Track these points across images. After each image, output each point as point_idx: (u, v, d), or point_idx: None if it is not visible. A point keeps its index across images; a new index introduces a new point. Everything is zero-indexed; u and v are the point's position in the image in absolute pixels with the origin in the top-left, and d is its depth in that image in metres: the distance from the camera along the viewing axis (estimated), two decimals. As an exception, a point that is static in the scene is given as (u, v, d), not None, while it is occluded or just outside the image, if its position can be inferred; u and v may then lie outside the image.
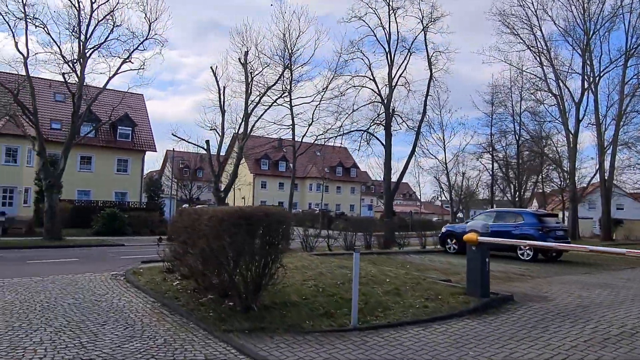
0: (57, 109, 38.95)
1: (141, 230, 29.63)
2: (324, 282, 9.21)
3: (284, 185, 66.43)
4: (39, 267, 13.69)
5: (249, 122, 29.44)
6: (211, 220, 7.21)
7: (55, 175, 22.79)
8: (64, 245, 21.45)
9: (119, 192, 39.18)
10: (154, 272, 11.64)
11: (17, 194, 33.72)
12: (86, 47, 22.91)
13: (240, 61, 29.32)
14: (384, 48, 29.32)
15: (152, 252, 20.14)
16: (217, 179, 30.15)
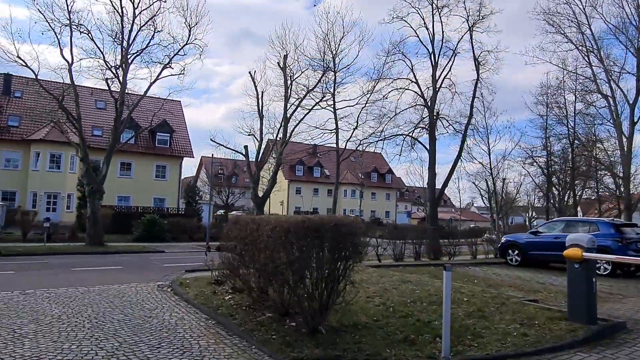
0: (99, 116, 39.61)
1: (180, 237, 29.45)
2: (392, 299, 8.31)
3: (318, 191, 65.79)
4: (84, 275, 13.33)
5: (287, 126, 28.87)
6: (275, 230, 6.44)
7: (97, 181, 22.76)
8: (106, 251, 21.31)
9: (157, 198, 39.40)
10: (202, 284, 11.01)
11: (61, 200, 34.28)
12: (128, 53, 22.88)
13: (279, 65, 28.85)
14: (427, 49, 28.15)
15: (193, 259, 19.76)
16: (256, 185, 29.67)
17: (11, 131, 34.47)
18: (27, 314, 7.70)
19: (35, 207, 32.52)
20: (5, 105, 35.91)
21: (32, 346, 5.93)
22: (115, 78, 22.61)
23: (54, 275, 13.29)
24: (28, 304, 8.56)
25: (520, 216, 71.81)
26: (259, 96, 30.08)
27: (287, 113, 28.90)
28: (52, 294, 9.67)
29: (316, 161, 64.55)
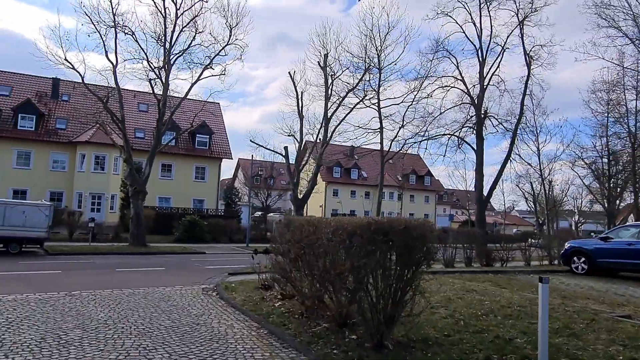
0: (141, 118, 40.31)
1: (220, 238, 29.39)
2: (459, 311, 7.50)
3: (355, 193, 64.90)
4: (128, 277, 13.14)
5: (328, 127, 28.30)
6: (336, 233, 5.80)
7: (140, 182, 22.87)
8: (149, 252, 21.34)
9: (197, 199, 39.64)
10: (248, 288, 10.51)
11: (105, 200, 34.97)
12: (170, 54, 22.91)
13: (320, 64, 28.34)
14: (474, 45, 27.05)
15: (235, 261, 19.42)
16: (295, 187, 29.25)
17: (59, 133, 35.50)
18: (72, 318, 7.37)
19: (81, 207, 33.27)
20: (54, 109, 37.04)
21: (77, 355, 5.52)
22: (157, 79, 22.70)
23: (98, 275, 13.17)
24: (74, 306, 8.27)
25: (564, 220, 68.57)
26: (299, 96, 29.72)
27: (327, 113, 28.32)
28: (97, 296, 9.39)
29: (353, 163, 63.71)
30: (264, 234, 32.10)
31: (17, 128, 33.97)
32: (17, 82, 38.11)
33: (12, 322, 6.87)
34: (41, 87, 38.49)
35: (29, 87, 37.91)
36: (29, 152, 34.37)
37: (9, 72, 38.96)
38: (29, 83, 38.49)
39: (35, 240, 18.68)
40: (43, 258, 17.82)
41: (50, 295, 9.16)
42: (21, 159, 34.23)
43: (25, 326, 6.69)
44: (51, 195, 34.28)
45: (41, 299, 8.76)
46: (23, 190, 33.49)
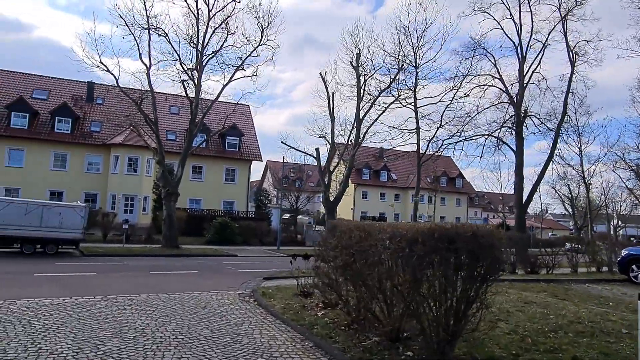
0: (172, 120, 40.62)
1: (250, 240, 29.18)
2: (523, 326, 6.84)
3: (385, 196, 63.93)
4: (163, 280, 12.92)
5: (360, 128, 27.73)
6: (393, 240, 5.26)
7: (173, 184, 22.84)
8: (181, 254, 21.24)
9: (227, 201, 39.64)
10: (287, 295, 10.07)
11: (137, 202, 35.31)
12: (203, 55, 22.82)
13: (352, 64, 27.81)
14: (513, 42, 25.97)
15: (268, 265, 19.08)
16: (327, 189, 28.78)
17: (93, 136, 36.08)
18: (109, 325, 7.07)
19: (114, 209, 33.67)
20: (89, 112, 37.74)
21: (116, 368, 5.16)
22: (190, 80, 22.64)
23: (133, 278, 12.99)
24: (110, 312, 7.99)
25: (602, 224, 65.76)
26: (330, 97, 29.28)
27: (359, 113, 27.75)
28: (133, 300, 9.11)
29: (383, 165, 62.82)
30: (295, 236, 31.81)
31: (54, 131, 34.70)
32: (54, 86, 39.02)
33: (48, 330, 6.61)
34: (77, 91, 39.28)
35: (65, 91, 38.76)
36: (65, 154, 35.04)
37: (46, 77, 39.96)
38: (65, 87, 39.36)
39: (71, 241, 18.82)
40: (78, 259, 17.90)
41: (86, 300, 8.94)
42: (58, 161, 34.93)
43: (61, 334, 6.41)
44: (86, 196, 34.83)
45: (77, 304, 8.54)
46: (59, 192, 34.16)
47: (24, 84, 37.67)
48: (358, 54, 27.46)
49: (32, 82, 38.57)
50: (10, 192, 32.43)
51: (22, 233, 17.62)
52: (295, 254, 10.84)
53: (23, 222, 17.59)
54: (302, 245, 30.73)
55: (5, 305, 8.07)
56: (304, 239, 31.29)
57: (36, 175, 33.69)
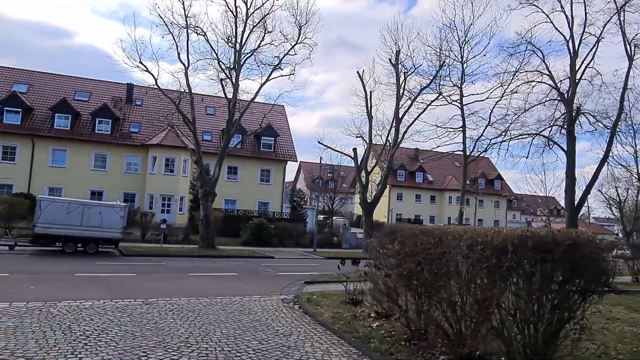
0: (208, 121, 40.81)
1: (286, 241, 28.76)
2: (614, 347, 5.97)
3: (420, 198, 62.46)
4: (202, 283, 12.54)
5: (400, 127, 26.86)
6: (474, 248, 4.54)
7: (210, 184, 22.66)
8: (218, 255, 20.98)
9: (262, 202, 39.44)
10: (334, 302, 9.46)
11: (174, 202, 35.57)
12: (241, 54, 22.54)
13: (391, 62, 26.99)
14: (564, 36, 24.51)
15: (306, 268, 18.56)
16: (364, 190, 28.02)
17: (132, 137, 36.61)
18: (152, 333, 6.63)
19: (152, 208, 33.97)
20: (128, 113, 38.36)
21: (161, 386, 4.66)
22: (228, 79, 22.41)
23: (172, 280, 12.68)
24: (152, 318, 7.58)
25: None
26: (368, 96, 28.50)
27: (398, 112, 26.89)
28: (174, 305, 8.70)
29: (418, 166, 61.45)
30: (331, 238, 31.22)
31: (94, 132, 35.39)
32: (94, 88, 39.88)
33: (89, 337, 6.22)
34: (116, 92, 40.02)
35: (106, 93, 39.54)
36: (105, 154, 35.67)
37: (87, 79, 40.93)
38: (105, 89, 40.17)
39: (110, 240, 18.83)
40: (118, 259, 17.86)
41: (126, 303, 8.59)
42: (98, 161, 35.58)
43: (102, 342, 6.00)
44: (125, 196, 35.31)
45: (118, 308, 8.19)
46: (100, 192, 34.77)
47: (67, 87, 38.64)
48: (397, 51, 26.63)
49: (74, 84, 39.53)
50: (54, 191, 33.20)
51: (64, 232, 17.72)
52: (343, 258, 10.18)
53: (65, 221, 17.70)
54: (338, 247, 30.12)
55: (46, 308, 7.80)
56: (340, 241, 30.65)
57: (78, 175, 34.39)
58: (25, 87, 36.91)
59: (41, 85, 37.82)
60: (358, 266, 9.16)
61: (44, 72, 39.91)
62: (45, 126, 34.32)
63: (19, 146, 33.64)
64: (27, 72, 39.09)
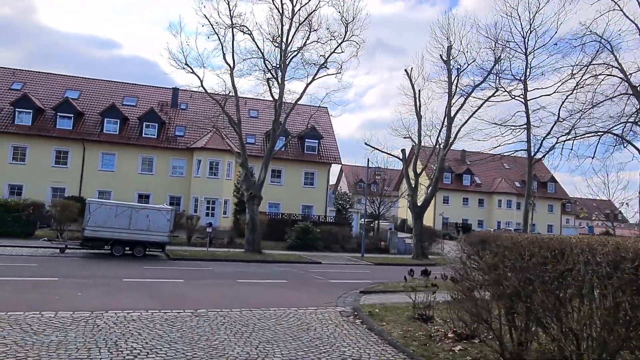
0: (251, 124, 40.65)
1: (332, 246, 27.88)
2: None
3: (468, 201, 60.06)
4: (252, 291, 11.83)
5: (452, 126, 25.48)
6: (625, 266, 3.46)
7: (256, 187, 22.13)
8: (264, 260, 20.36)
9: (305, 205, 38.81)
10: (399, 317, 8.47)
11: (218, 205, 35.52)
12: (287, 52, 21.93)
13: (442, 58, 25.67)
14: (636, 25, 22.37)
15: (357, 275, 17.62)
16: (414, 192, 26.76)
17: (177, 140, 36.93)
18: (204, 352, 5.90)
19: (197, 211, 34.02)
20: (173, 117, 38.77)
21: None
22: (274, 79, 21.84)
23: (221, 287, 12.04)
24: (203, 332, 6.87)
25: None
26: (417, 95, 27.29)
27: (450, 111, 25.51)
28: (226, 318, 7.98)
29: (465, 168, 59.14)
30: (378, 243, 30.09)
31: (142, 136, 35.90)
32: (142, 93, 40.63)
33: (137, 356, 5.54)
34: (162, 97, 40.61)
35: (152, 98, 40.18)
36: (151, 158, 36.10)
37: (135, 84, 41.76)
38: (152, 94, 40.86)
39: (157, 244, 18.57)
40: (165, 263, 17.55)
41: (175, 315, 7.94)
42: (145, 165, 36.05)
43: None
44: (170, 199, 35.58)
45: (167, 320, 7.54)
46: (147, 195, 35.19)
47: (116, 92, 39.50)
48: (449, 46, 25.27)
49: (122, 90, 40.39)
50: (103, 194, 33.82)
51: (112, 235, 17.60)
52: (412, 270, 9.17)
53: (113, 224, 17.58)
54: (386, 252, 28.97)
55: (92, 319, 7.25)
56: (388, 246, 29.47)
57: (126, 179, 34.93)
58: (77, 93, 37.97)
59: (91, 91, 38.85)
60: (428, 277, 8.14)
61: (94, 79, 41.04)
62: (95, 131, 35.10)
63: (71, 150, 34.54)
64: (78, 78, 40.31)
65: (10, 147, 33.44)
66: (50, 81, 38.94)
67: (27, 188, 32.81)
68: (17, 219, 21.03)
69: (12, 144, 33.43)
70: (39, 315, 7.22)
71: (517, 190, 61.77)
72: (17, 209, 21.21)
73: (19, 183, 33.21)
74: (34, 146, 33.89)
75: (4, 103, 34.52)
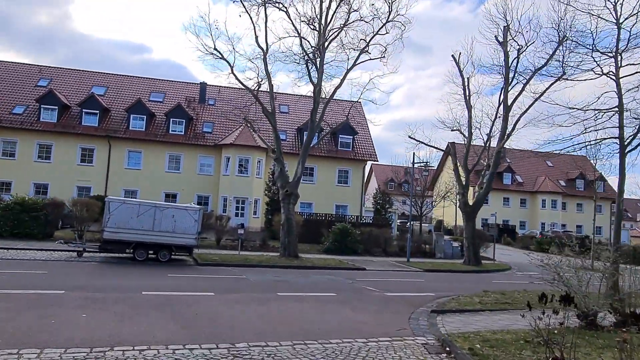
0: (283, 119, 38.57)
1: (372, 249, 25.44)
2: None
3: (509, 201, 56.40)
4: (297, 309, 9.53)
5: (508, 116, 22.70)
6: None
7: (292, 184, 19.93)
8: (303, 265, 18.13)
9: (339, 205, 36.48)
10: (516, 355, 6.02)
11: (248, 205, 33.58)
12: (325, 33, 19.65)
13: (497, 39, 22.90)
14: None
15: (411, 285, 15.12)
16: (464, 191, 24.09)
17: (205, 137, 35.20)
18: None
19: (225, 211, 32.19)
20: (201, 112, 37.10)
21: None
22: (312, 63, 19.59)
23: (260, 304, 9.79)
24: (247, 389, 4.61)
25: None
26: (466, 83, 24.63)
27: (507, 99, 22.72)
28: (272, 357, 5.72)
29: (506, 166, 55.53)
30: (421, 246, 27.44)
31: (168, 132, 34.32)
32: (169, 88, 39.14)
33: None
34: (190, 92, 39.02)
35: (180, 93, 38.62)
36: (179, 155, 34.46)
37: (161, 80, 40.32)
38: (179, 89, 39.31)
39: (184, 247, 16.56)
40: (192, 270, 15.52)
41: (205, 352, 5.72)
42: (172, 163, 34.44)
43: None
44: (198, 199, 33.88)
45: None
46: (174, 194, 33.56)
47: (143, 88, 38.13)
48: (506, 26, 22.49)
49: (149, 85, 39.02)
50: (129, 193, 32.38)
51: (135, 237, 15.65)
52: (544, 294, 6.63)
53: (136, 225, 15.65)
54: (431, 257, 26.33)
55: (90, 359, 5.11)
56: (433, 250, 26.80)
57: (152, 177, 33.40)
58: (103, 90, 36.72)
59: (118, 87, 37.53)
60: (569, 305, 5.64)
61: (121, 75, 39.75)
62: (121, 127, 33.68)
63: (97, 148, 33.21)
64: (104, 74, 39.05)
65: (35, 145, 32.32)
66: (77, 77, 37.80)
67: (52, 187, 31.61)
68: (36, 219, 19.44)
69: (37, 142, 32.30)
70: (15, 356, 5.11)
71: (562, 189, 57.83)
72: (35, 208, 19.62)
73: (44, 182, 32.06)
74: (59, 144, 32.71)
75: (29, 100, 33.49)
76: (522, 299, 11.88)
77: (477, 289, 13.65)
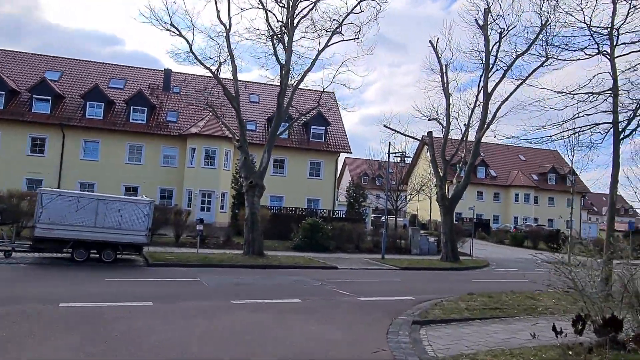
0: (252, 109, 36.65)
1: (344, 246, 23.93)
2: None
3: (482, 195, 55.86)
4: (254, 323, 7.87)
5: (488, 104, 21.52)
6: None
7: (257, 174, 18.19)
8: (268, 264, 16.46)
9: (311, 199, 34.86)
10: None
11: (214, 199, 31.62)
12: (295, 10, 17.92)
13: (477, 23, 21.65)
14: None
15: (387, 286, 13.68)
16: (442, 183, 22.85)
17: (169, 126, 32.97)
18: None
19: (190, 206, 30.18)
20: (165, 101, 34.80)
21: None
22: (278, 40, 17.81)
23: (208, 318, 8.08)
24: None
25: None
26: (444, 71, 23.35)
27: (487, 88, 21.54)
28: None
29: (480, 160, 54.97)
30: (396, 242, 26.11)
31: (129, 121, 31.95)
32: (130, 75, 36.58)
33: None
34: (153, 79, 36.61)
35: (142, 80, 36.15)
36: (140, 146, 32.13)
37: (122, 66, 37.67)
38: (141, 76, 36.82)
39: (132, 245, 14.63)
40: (139, 271, 13.65)
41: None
42: (133, 154, 32.09)
43: None
44: (161, 192, 31.73)
45: None
46: (134, 187, 31.24)
47: (102, 74, 35.47)
48: (486, 9, 21.26)
49: (109, 71, 36.36)
50: (86, 186, 29.98)
51: (72, 234, 13.64)
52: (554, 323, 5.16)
53: (74, 220, 13.65)
54: (407, 253, 25.05)
55: None
56: (409, 246, 25.48)
57: (111, 169, 31.00)
58: (57, 75, 33.94)
59: (74, 72, 34.76)
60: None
61: (77, 59, 36.94)
62: (76, 115, 31.10)
63: (49, 137, 30.58)
64: (59, 58, 36.14)
65: (-21, 134, 29.51)
66: (28, 60, 34.85)
67: (-2, 180, 28.91)
68: (-38, 215, 17.13)
69: (-20, 130, 29.49)
70: None
71: (535, 183, 57.83)
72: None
73: (-13, 174, 29.28)
74: (6, 132, 29.92)
75: (-29, 84, 30.55)
76: (511, 302, 10.65)
77: (460, 289, 12.34)
